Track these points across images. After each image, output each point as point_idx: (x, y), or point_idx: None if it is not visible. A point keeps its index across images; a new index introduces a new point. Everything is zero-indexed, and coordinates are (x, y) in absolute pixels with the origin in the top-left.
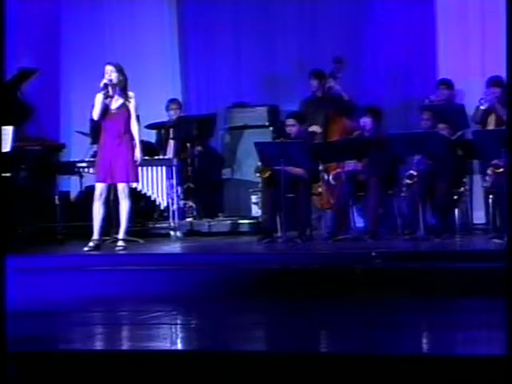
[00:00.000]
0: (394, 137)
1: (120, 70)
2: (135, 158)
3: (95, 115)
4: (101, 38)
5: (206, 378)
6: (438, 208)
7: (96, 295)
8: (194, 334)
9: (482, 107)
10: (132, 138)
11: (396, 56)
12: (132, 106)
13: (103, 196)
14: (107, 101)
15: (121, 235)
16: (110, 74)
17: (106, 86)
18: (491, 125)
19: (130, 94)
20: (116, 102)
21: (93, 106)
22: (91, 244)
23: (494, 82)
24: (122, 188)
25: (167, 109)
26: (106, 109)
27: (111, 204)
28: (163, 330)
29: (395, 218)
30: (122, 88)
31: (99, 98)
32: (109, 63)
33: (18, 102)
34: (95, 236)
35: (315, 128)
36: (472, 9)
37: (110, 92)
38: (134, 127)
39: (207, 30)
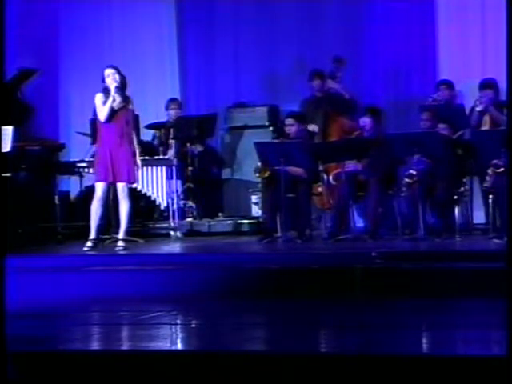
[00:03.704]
0: (393, 137)
1: (119, 72)
2: (136, 164)
3: (103, 117)
4: (100, 39)
5: (206, 378)
6: (437, 208)
7: (96, 295)
8: (194, 334)
9: (477, 109)
10: (132, 140)
11: (396, 56)
12: (132, 108)
13: (104, 196)
14: (115, 104)
15: (121, 235)
16: (114, 76)
17: (117, 88)
18: (486, 125)
19: (130, 97)
20: (118, 103)
21: (93, 106)
22: (89, 243)
23: (486, 84)
24: (121, 188)
25: (167, 108)
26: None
27: (110, 204)
28: (163, 330)
29: (395, 218)
30: (123, 89)
31: (100, 98)
32: (108, 66)
33: (18, 102)
34: (92, 235)
35: (313, 127)
36: (472, 9)
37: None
38: (133, 135)
39: (206, 30)
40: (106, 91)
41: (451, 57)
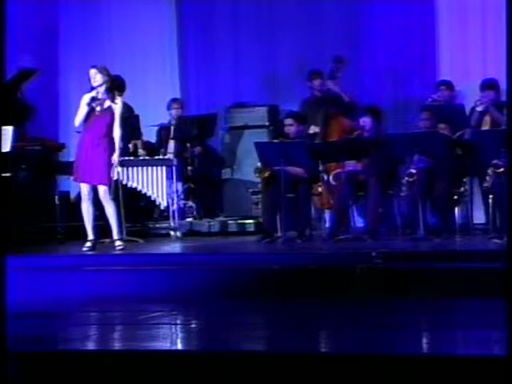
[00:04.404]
0: (393, 137)
1: (103, 71)
2: (112, 161)
3: (77, 122)
4: (100, 38)
5: (206, 378)
6: (437, 208)
7: (96, 295)
8: (194, 334)
9: (477, 109)
10: (112, 142)
11: (396, 56)
12: (117, 109)
13: (91, 195)
14: (95, 104)
15: (115, 236)
16: (95, 76)
17: (93, 99)
18: (487, 125)
19: (118, 98)
20: (102, 104)
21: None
22: (88, 244)
23: (488, 84)
24: (103, 191)
25: (169, 108)
26: (88, 114)
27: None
28: (163, 330)
29: (395, 218)
30: (108, 88)
31: (85, 99)
32: (91, 66)
33: (18, 102)
34: (90, 236)
35: (313, 128)
36: (472, 9)
37: (99, 99)
38: (117, 133)
39: (206, 30)
40: (93, 90)
41: (451, 57)
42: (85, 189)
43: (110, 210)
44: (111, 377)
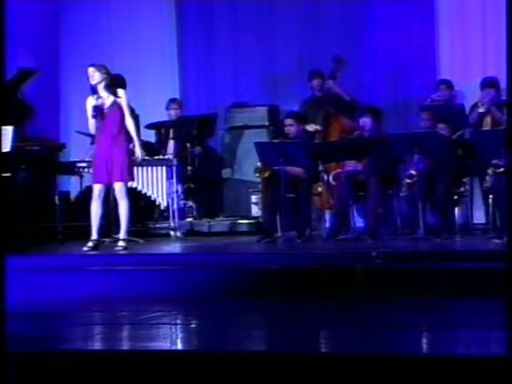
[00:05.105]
0: (393, 137)
1: (101, 69)
2: (136, 156)
3: (92, 129)
4: (100, 39)
5: (206, 378)
6: (437, 208)
7: (96, 295)
8: (194, 334)
9: (479, 110)
10: (127, 137)
11: (396, 56)
12: (123, 102)
13: (102, 196)
14: (99, 102)
15: (122, 235)
16: (93, 74)
17: (95, 107)
18: (487, 125)
19: (120, 90)
20: (107, 101)
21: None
22: (90, 244)
23: (488, 83)
24: (119, 188)
25: (167, 108)
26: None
27: (111, 204)
28: (163, 330)
29: (395, 218)
30: (108, 85)
31: (90, 102)
32: (88, 65)
33: (18, 102)
34: (94, 236)
35: (312, 126)
36: (472, 9)
37: (101, 97)
38: (130, 124)
39: (206, 30)
40: (93, 90)
41: (451, 57)
42: (97, 189)
43: (123, 208)
44: (111, 377)
